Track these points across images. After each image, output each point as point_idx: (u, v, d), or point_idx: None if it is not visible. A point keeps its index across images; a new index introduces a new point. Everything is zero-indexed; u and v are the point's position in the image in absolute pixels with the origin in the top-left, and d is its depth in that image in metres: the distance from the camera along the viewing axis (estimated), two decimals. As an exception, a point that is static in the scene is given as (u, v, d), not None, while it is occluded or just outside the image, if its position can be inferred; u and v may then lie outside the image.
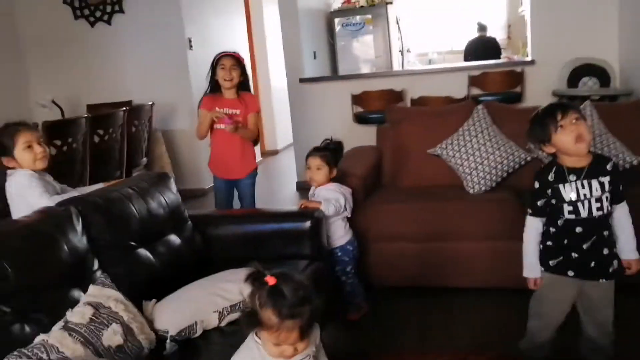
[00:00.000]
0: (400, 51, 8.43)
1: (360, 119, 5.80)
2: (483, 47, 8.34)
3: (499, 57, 7.89)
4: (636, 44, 4.94)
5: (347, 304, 3.22)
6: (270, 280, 1.50)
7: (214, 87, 3.76)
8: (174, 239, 2.69)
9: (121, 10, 6.53)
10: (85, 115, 4.59)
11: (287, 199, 6.35)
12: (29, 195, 2.68)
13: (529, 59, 5.90)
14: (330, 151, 3.22)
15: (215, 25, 7.14)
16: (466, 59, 8.41)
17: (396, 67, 8.07)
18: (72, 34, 6.68)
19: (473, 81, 5.72)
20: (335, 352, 2.01)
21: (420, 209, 3.46)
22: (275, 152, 9.26)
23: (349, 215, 3.22)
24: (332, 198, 3.07)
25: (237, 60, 3.72)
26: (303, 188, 5.60)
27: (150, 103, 5.71)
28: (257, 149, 4.97)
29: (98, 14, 6.59)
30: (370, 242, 3.43)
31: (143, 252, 2.47)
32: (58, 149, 4.21)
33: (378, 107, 5.49)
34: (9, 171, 2.85)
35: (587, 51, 5.55)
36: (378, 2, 7.83)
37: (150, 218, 2.57)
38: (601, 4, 5.47)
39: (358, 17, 7.63)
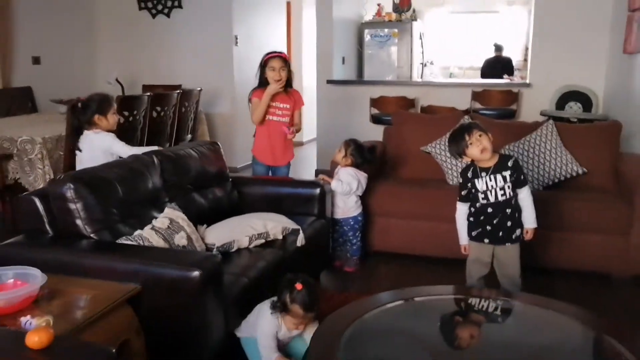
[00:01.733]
0: (421, 63, 9.32)
1: (375, 119, 6.70)
2: (497, 65, 9.13)
3: (511, 74, 8.69)
4: (618, 78, 5.73)
5: (347, 259, 4.17)
6: (299, 286, 2.45)
7: (263, 83, 4.16)
8: (219, 190, 3.67)
9: (180, 6, 7.56)
10: (148, 94, 5.55)
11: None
12: (117, 147, 3.67)
13: (527, 81, 6.77)
14: (357, 148, 4.07)
15: (259, 25, 8.11)
16: (483, 75, 9.24)
17: (415, 77, 8.95)
18: (135, 23, 7.74)
19: (475, 96, 6.59)
20: (331, 289, 2.99)
21: (410, 193, 4.36)
22: (300, 144, 10.20)
23: (361, 194, 4.15)
24: (345, 181, 4.00)
25: (284, 60, 4.15)
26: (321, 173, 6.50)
27: (199, 89, 6.69)
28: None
29: (159, 7, 7.63)
30: (369, 216, 4.35)
31: (196, 195, 3.45)
32: (125, 119, 5.20)
33: (392, 110, 6.19)
34: (94, 130, 3.81)
35: (576, 79, 6.36)
36: (405, 18, 8.75)
37: (204, 172, 3.56)
38: (594, 40, 6.22)
39: (386, 30, 8.53)
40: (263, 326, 2.51)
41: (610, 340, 2.17)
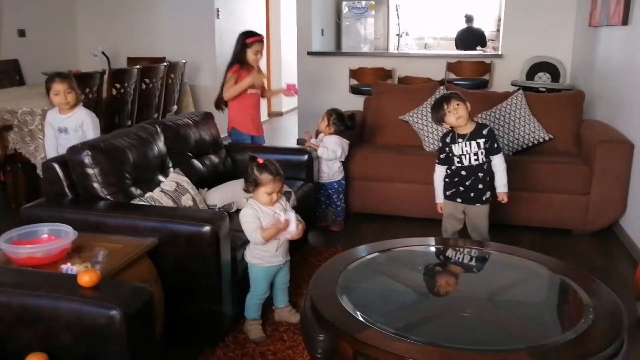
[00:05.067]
0: (397, 35, 9.59)
1: (354, 90, 7.00)
2: (470, 37, 9.38)
3: (484, 46, 8.99)
4: (584, 49, 6.09)
5: (333, 220, 4.52)
6: (260, 160, 2.78)
7: (242, 61, 4.42)
8: (214, 157, 3.97)
9: (161, -22, 7.71)
10: (138, 67, 5.78)
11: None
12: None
13: (499, 52, 7.11)
14: (338, 117, 4.38)
15: (240, -2, 8.32)
16: (457, 46, 9.54)
17: (392, 48, 9.24)
18: (118, -5, 7.88)
19: (450, 67, 6.92)
20: (319, 246, 3.37)
21: (388, 159, 4.69)
22: (279, 114, 10.47)
23: (343, 160, 4.47)
24: (330, 148, 4.31)
25: (263, 43, 4.53)
26: (302, 143, 6.78)
27: (184, 61, 6.91)
28: (265, 109, 5.91)
29: (142, -20, 7.77)
30: (350, 180, 4.68)
31: (195, 161, 3.75)
32: (117, 91, 5.43)
33: (370, 81, 6.55)
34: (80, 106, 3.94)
35: (546, 51, 6.74)
36: (382, -10, 8.99)
37: (201, 140, 3.85)
38: (562, 14, 6.59)
39: (363, 2, 8.74)
40: (244, 213, 2.78)
41: (568, 280, 2.54)
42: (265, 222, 2.78)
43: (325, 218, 4.55)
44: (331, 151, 4.29)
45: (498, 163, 3.47)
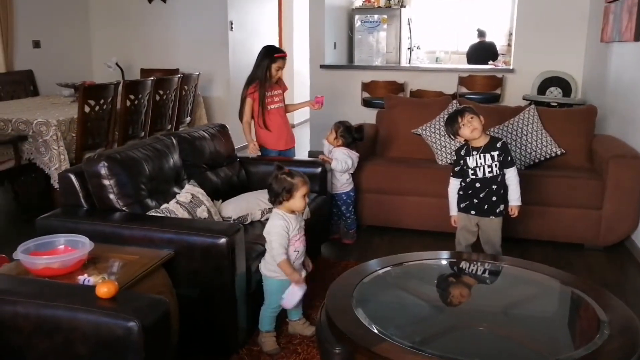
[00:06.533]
0: (408, 48, 9.63)
1: (366, 102, 7.03)
2: (482, 51, 9.43)
3: (495, 60, 9.01)
4: (595, 65, 6.09)
5: (344, 232, 4.53)
6: (286, 170, 2.83)
7: (262, 78, 4.47)
8: (228, 169, 3.99)
9: (176, -8, 7.79)
10: (152, 78, 5.83)
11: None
12: None
13: (510, 67, 7.12)
14: (346, 129, 4.38)
15: (253, 11, 8.36)
16: (468, 60, 9.57)
17: (403, 62, 9.27)
18: (131, 7, 7.94)
19: (462, 81, 6.94)
20: (332, 259, 3.49)
21: (400, 172, 4.71)
22: (291, 126, 10.49)
23: (352, 172, 4.48)
24: (341, 159, 4.33)
25: None
26: (314, 155, 6.81)
27: (197, 73, 6.96)
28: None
29: (156, -8, 7.85)
30: (361, 192, 4.69)
31: (210, 173, 3.77)
32: (131, 102, 5.48)
33: (382, 94, 6.57)
34: None
35: (557, 66, 6.74)
36: (394, 4, 9.06)
37: (216, 152, 3.88)
38: (574, 29, 6.59)
39: (375, 16, 8.84)
40: (275, 224, 2.80)
41: (582, 295, 2.54)
42: (293, 233, 2.82)
43: (338, 230, 4.56)
44: (343, 162, 4.31)
45: (511, 176, 3.48)
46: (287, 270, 2.78)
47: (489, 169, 3.43)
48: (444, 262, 3.10)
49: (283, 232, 2.78)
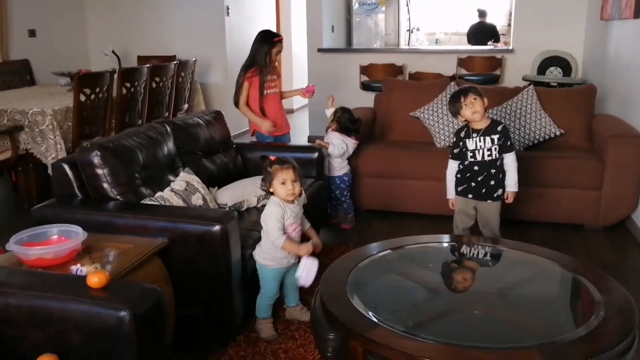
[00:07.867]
0: (407, 30, 9.55)
1: (365, 86, 6.98)
2: (482, 31, 9.34)
3: (497, 41, 8.96)
4: (595, 43, 6.04)
5: (343, 217, 4.51)
6: (272, 157, 2.81)
7: (260, 63, 4.40)
8: (224, 156, 3.97)
9: (172, -24, 7.72)
10: (148, 65, 5.79)
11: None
12: None
13: (510, 47, 7.06)
14: (343, 114, 4.36)
15: (250, -5, 8.31)
16: (469, 41, 9.49)
17: (403, 44, 9.20)
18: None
19: (461, 62, 6.89)
20: (330, 244, 3.60)
21: (399, 155, 4.69)
22: (290, 111, 10.46)
23: (346, 158, 4.45)
24: (337, 144, 4.31)
25: None
26: (313, 140, 6.77)
27: (194, 59, 6.91)
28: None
29: (151, -22, 7.79)
30: (360, 177, 4.67)
31: (205, 160, 3.75)
32: (127, 90, 5.45)
33: (380, 77, 6.41)
34: None
35: (557, 45, 6.69)
36: (391, -15, 8.96)
37: (211, 139, 3.85)
38: (573, 7, 6.54)
39: (373, -2, 8.77)
40: (270, 211, 2.78)
41: (579, 277, 2.52)
42: (288, 221, 2.79)
43: (336, 215, 4.54)
44: (338, 146, 4.28)
45: (510, 162, 3.44)
46: (293, 248, 2.77)
47: (488, 152, 3.39)
48: (441, 245, 3.07)
49: (278, 217, 2.76)
